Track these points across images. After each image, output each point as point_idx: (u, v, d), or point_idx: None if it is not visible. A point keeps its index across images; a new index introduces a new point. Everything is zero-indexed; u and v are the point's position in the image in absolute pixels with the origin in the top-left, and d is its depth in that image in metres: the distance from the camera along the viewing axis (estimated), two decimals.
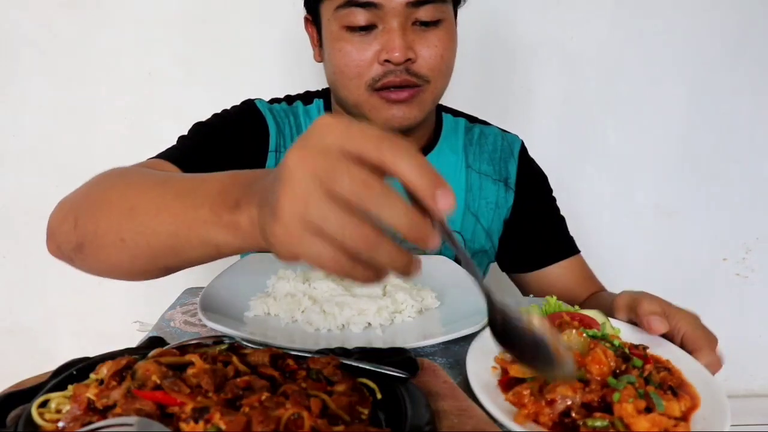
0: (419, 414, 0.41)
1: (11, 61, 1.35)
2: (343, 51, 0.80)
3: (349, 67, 0.81)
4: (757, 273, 1.66)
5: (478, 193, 0.99)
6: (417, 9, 0.78)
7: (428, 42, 0.80)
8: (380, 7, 0.76)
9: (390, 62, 0.78)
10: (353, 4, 0.77)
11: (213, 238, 0.44)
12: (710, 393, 0.51)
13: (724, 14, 1.46)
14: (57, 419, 0.40)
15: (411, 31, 0.79)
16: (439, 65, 0.81)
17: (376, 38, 0.79)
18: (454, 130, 1.01)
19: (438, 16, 0.80)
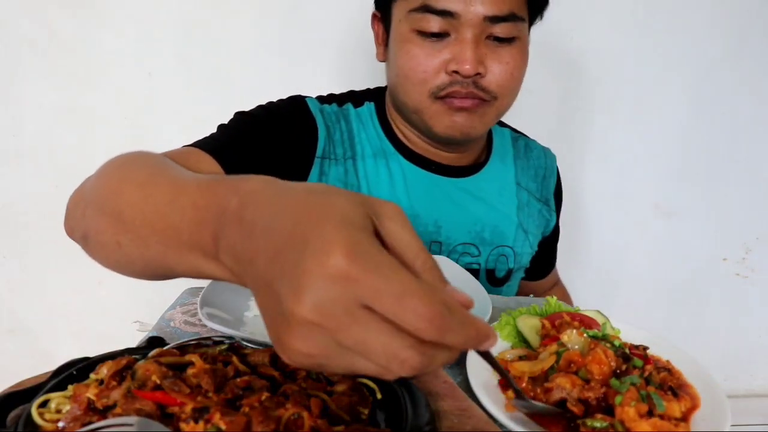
0: (419, 414, 0.41)
1: (11, 62, 1.35)
2: (411, 54, 0.78)
3: (415, 72, 0.78)
4: (757, 273, 1.66)
5: (527, 210, 0.99)
6: (494, 24, 0.75)
7: (500, 58, 0.78)
8: (456, 17, 0.74)
9: (458, 74, 0.76)
10: (428, 10, 0.75)
11: (204, 270, 0.39)
12: (710, 393, 0.51)
13: (724, 14, 1.46)
14: (57, 419, 0.40)
15: (484, 44, 0.77)
16: (508, 83, 0.80)
17: (447, 46, 0.76)
18: (502, 142, 1.00)
19: (514, 34, 0.78)
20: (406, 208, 0.90)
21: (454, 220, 0.91)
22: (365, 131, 0.90)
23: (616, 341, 0.55)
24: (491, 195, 0.94)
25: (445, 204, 0.91)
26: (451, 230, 0.91)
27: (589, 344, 0.52)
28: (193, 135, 1.55)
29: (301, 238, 0.28)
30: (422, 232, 0.90)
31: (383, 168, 0.89)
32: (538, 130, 1.53)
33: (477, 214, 0.93)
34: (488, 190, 0.94)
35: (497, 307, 0.69)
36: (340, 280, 0.27)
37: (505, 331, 0.61)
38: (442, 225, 0.91)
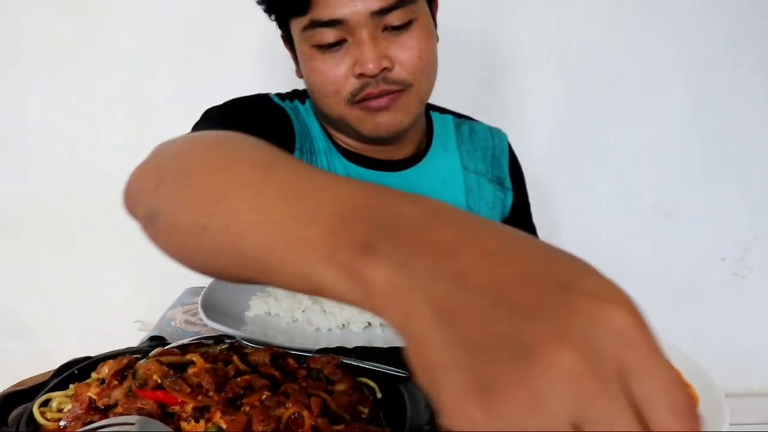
0: (419, 413, 0.41)
1: (14, 64, 1.35)
2: (317, 70, 0.78)
3: (325, 85, 0.79)
4: (755, 272, 1.66)
5: (477, 194, 0.98)
6: (385, 16, 0.75)
7: (403, 46, 0.77)
8: (345, 22, 0.74)
9: (365, 75, 0.76)
10: (318, 24, 0.75)
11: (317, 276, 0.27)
12: (708, 392, 0.51)
13: (724, 14, 1.46)
14: (58, 418, 0.40)
15: (383, 38, 0.76)
16: (418, 66, 0.79)
17: (348, 52, 0.76)
18: (444, 129, 0.99)
19: (409, 17, 0.76)
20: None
21: None
22: (312, 126, 0.91)
23: None
24: (435, 185, 0.94)
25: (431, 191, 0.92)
26: None
27: None
28: None
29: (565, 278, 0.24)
30: None
31: (332, 167, 0.90)
32: (538, 130, 1.54)
33: None
34: (431, 180, 0.94)
35: None
36: (618, 335, 0.21)
37: None
38: None
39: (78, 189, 1.43)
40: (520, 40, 1.47)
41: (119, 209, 1.31)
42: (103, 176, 1.43)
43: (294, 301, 0.67)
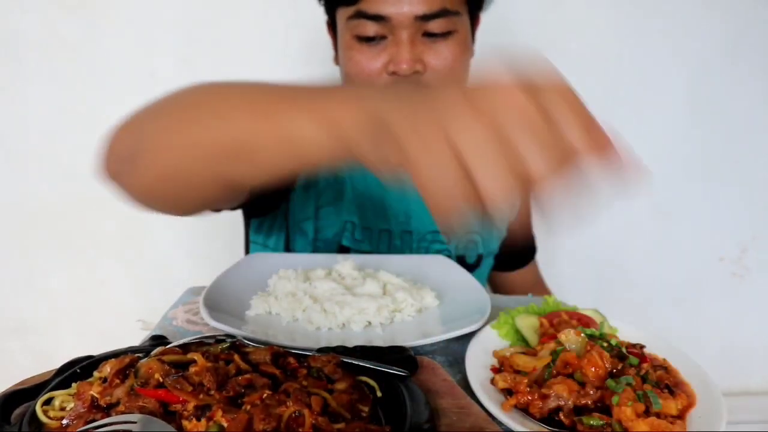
0: (419, 412, 0.42)
1: (15, 64, 1.35)
2: (353, 60, 0.81)
3: (359, 77, 0.81)
4: (753, 272, 1.66)
5: None
6: (427, 22, 0.77)
7: (438, 54, 0.79)
8: (389, 20, 0.76)
9: (397, 74, 0.78)
10: (363, 16, 0.77)
11: (297, 131, 0.36)
12: (706, 391, 0.51)
13: (723, 14, 1.46)
14: (61, 417, 0.40)
15: (421, 42, 0.78)
16: (449, 76, 0.81)
17: (386, 49, 0.79)
18: None
19: (449, 28, 0.79)
20: (379, 200, 0.93)
21: (423, 209, 0.93)
22: None
23: (613, 340, 0.56)
24: None
25: (414, 194, 0.92)
26: (420, 219, 0.94)
27: (586, 345, 0.52)
28: None
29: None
30: (393, 222, 0.93)
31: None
32: None
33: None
34: None
35: (496, 306, 0.70)
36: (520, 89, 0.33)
37: (503, 330, 0.61)
38: (412, 215, 0.94)
39: (78, 189, 1.43)
40: (519, 40, 1.47)
41: (120, 209, 1.34)
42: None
43: (294, 300, 0.67)
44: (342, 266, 0.77)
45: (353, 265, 0.78)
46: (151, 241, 1.47)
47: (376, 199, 0.93)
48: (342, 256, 0.83)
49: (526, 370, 0.52)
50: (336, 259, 0.81)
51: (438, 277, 0.78)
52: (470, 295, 0.72)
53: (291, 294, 0.69)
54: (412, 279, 0.78)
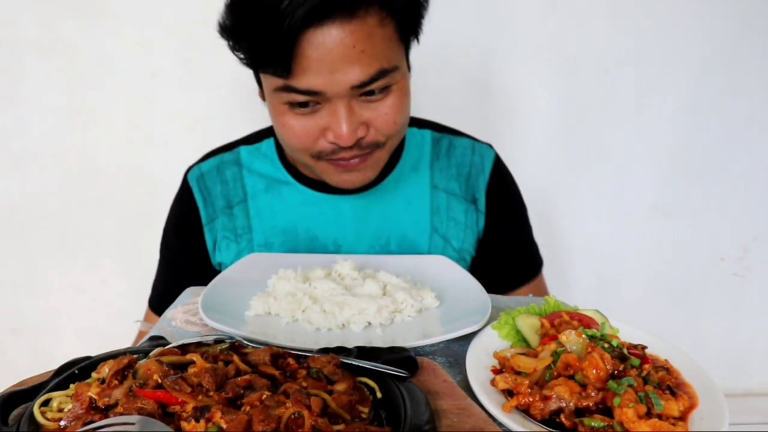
0: (419, 413, 0.41)
1: (15, 64, 1.35)
2: (287, 126, 0.77)
3: (294, 141, 0.78)
4: (754, 273, 1.66)
5: (445, 213, 0.94)
6: (364, 87, 0.73)
7: (378, 112, 0.75)
8: (323, 94, 0.72)
9: (338, 145, 0.75)
10: (293, 90, 0.72)
11: None
12: (708, 392, 0.51)
13: (723, 14, 1.46)
14: (59, 418, 0.40)
15: (358, 105, 0.74)
16: (392, 129, 0.78)
17: (322, 116, 0.74)
18: (418, 146, 0.96)
19: (388, 83, 0.74)
20: (303, 231, 0.92)
21: (354, 236, 0.92)
22: (259, 166, 0.94)
23: (615, 341, 0.55)
24: (396, 205, 0.93)
25: (343, 222, 0.92)
26: (351, 247, 0.92)
27: (587, 346, 0.52)
28: (195, 135, 1.56)
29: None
30: (322, 252, 0.92)
31: (276, 199, 0.93)
32: (537, 131, 1.54)
33: (380, 227, 0.93)
34: (393, 200, 0.93)
35: (496, 306, 0.69)
36: None
37: (504, 331, 0.61)
38: (342, 243, 0.92)
39: (78, 189, 1.43)
40: (519, 41, 1.47)
41: (119, 209, 1.35)
42: (103, 176, 1.44)
43: (294, 300, 0.67)
44: (342, 266, 0.77)
45: (353, 265, 0.78)
46: (150, 242, 1.46)
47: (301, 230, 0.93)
48: (342, 257, 0.83)
49: (526, 371, 0.52)
50: (335, 259, 0.81)
51: (438, 278, 0.78)
52: (470, 296, 0.71)
53: (290, 294, 0.68)
54: (412, 279, 0.78)
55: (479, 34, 1.45)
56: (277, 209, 0.92)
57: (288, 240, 0.92)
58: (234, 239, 0.92)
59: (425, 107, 1.32)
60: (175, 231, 0.98)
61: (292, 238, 0.92)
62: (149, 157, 1.43)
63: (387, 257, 0.87)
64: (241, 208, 0.93)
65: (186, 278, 0.89)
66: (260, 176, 0.94)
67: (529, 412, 0.48)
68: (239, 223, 0.93)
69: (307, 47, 0.69)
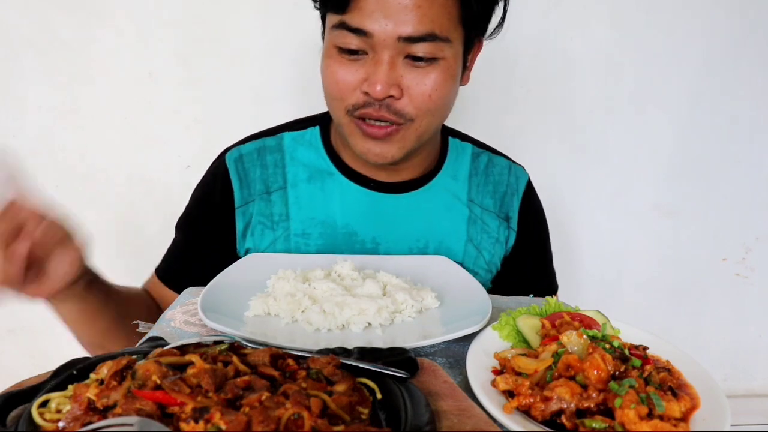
0: (419, 414, 0.41)
1: (11, 63, 1.35)
2: (330, 69, 0.78)
3: (332, 88, 0.79)
4: (756, 273, 1.66)
5: (480, 225, 0.96)
6: (412, 44, 0.73)
7: (418, 79, 0.75)
8: (371, 36, 0.73)
9: (370, 95, 0.75)
10: (345, 27, 0.74)
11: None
12: (710, 393, 0.51)
13: (724, 14, 1.46)
14: (57, 419, 0.40)
15: (401, 65, 0.75)
16: (426, 105, 0.77)
17: (364, 65, 0.76)
18: (459, 157, 0.97)
19: (436, 54, 0.75)
20: (342, 226, 0.91)
21: (394, 236, 0.91)
22: (303, 154, 0.93)
23: (616, 341, 0.55)
24: (437, 210, 0.93)
25: (384, 220, 0.91)
26: (390, 246, 0.92)
27: (588, 347, 0.52)
28: (193, 135, 1.56)
29: None
30: (360, 248, 0.91)
31: (318, 190, 0.91)
32: (538, 130, 1.54)
33: (419, 229, 0.92)
34: (433, 205, 0.93)
35: (497, 307, 0.69)
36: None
37: (505, 331, 0.61)
38: (381, 242, 0.91)
39: (75, 189, 1.43)
40: (521, 40, 1.47)
41: (118, 209, 1.34)
42: (101, 175, 1.44)
43: (293, 301, 0.66)
44: (341, 267, 0.77)
45: (353, 265, 0.77)
46: (148, 242, 1.46)
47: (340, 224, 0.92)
48: (341, 257, 0.82)
49: (527, 372, 0.52)
50: (335, 259, 0.80)
51: (438, 278, 0.78)
52: (471, 296, 0.71)
53: (290, 295, 0.68)
54: (412, 280, 0.78)
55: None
56: (318, 200, 0.91)
57: (326, 233, 0.91)
58: (270, 226, 0.91)
59: None
60: (202, 210, 0.95)
61: (331, 231, 0.91)
62: (147, 156, 1.43)
63: (387, 257, 0.87)
64: (280, 195, 0.91)
65: (204, 259, 0.90)
66: (303, 166, 0.92)
67: (530, 413, 0.48)
68: (277, 209, 0.91)
69: None
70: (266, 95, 1.42)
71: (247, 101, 1.42)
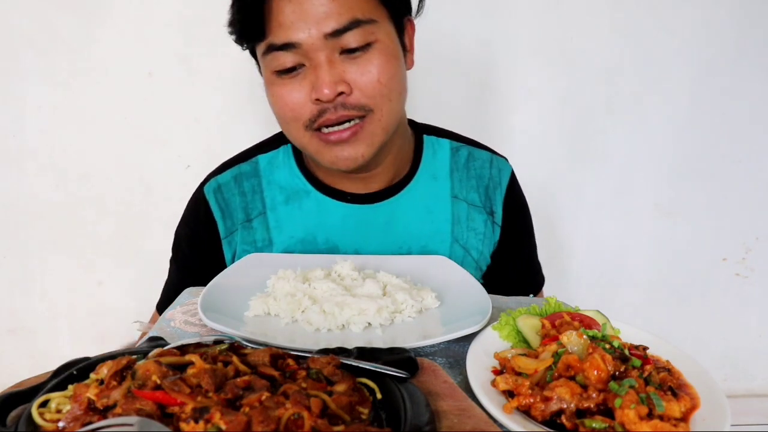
0: (419, 414, 0.41)
1: (12, 62, 1.35)
2: (276, 95, 0.78)
3: (284, 111, 0.78)
4: (756, 273, 1.66)
5: (465, 224, 0.94)
6: (340, 37, 0.73)
7: (360, 69, 0.75)
8: (300, 46, 0.73)
9: (321, 100, 0.74)
10: (274, 49, 0.74)
11: None
12: (710, 393, 0.51)
13: (724, 14, 1.46)
14: (57, 419, 0.40)
15: (340, 61, 0.74)
16: (378, 90, 0.76)
17: (306, 77, 0.75)
18: (436, 154, 0.96)
19: (367, 39, 0.74)
20: (323, 242, 0.91)
21: (375, 245, 0.91)
22: (277, 176, 0.93)
23: (616, 341, 0.55)
24: (417, 214, 0.92)
25: (364, 231, 0.91)
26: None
27: (588, 347, 0.52)
28: (193, 135, 1.56)
29: None
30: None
31: (296, 211, 0.91)
32: (538, 130, 1.54)
33: (400, 236, 0.92)
34: (413, 209, 0.92)
35: (497, 307, 0.69)
36: None
37: (505, 331, 0.61)
38: (363, 253, 0.91)
39: (76, 189, 1.43)
40: (520, 40, 1.47)
41: (117, 209, 1.34)
42: (101, 176, 1.43)
43: (293, 301, 0.66)
44: (341, 267, 0.77)
45: (353, 265, 0.77)
46: (148, 242, 1.46)
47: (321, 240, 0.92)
48: (341, 257, 0.82)
49: (527, 372, 0.52)
50: (335, 259, 0.80)
51: (438, 278, 0.78)
52: (471, 296, 0.71)
53: (290, 295, 0.68)
54: (413, 280, 0.78)
55: (480, 34, 1.45)
56: (297, 220, 0.91)
57: (308, 250, 0.91)
58: (254, 252, 0.92)
59: (426, 107, 1.32)
60: (190, 244, 0.96)
61: (312, 248, 0.91)
62: (147, 155, 1.43)
63: (387, 257, 0.87)
64: (261, 221, 0.92)
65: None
66: (279, 188, 0.92)
67: (530, 413, 0.47)
68: (259, 236, 0.92)
69: (278, 1, 0.72)
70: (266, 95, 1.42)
71: (247, 101, 1.42)
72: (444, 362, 0.58)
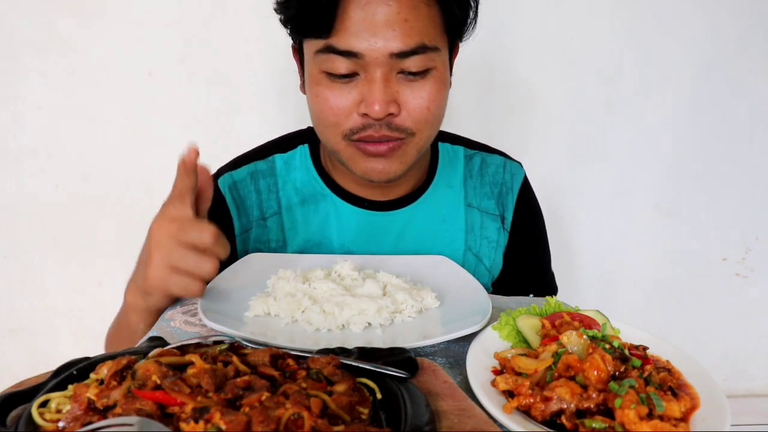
0: (419, 414, 0.41)
1: (12, 62, 1.35)
2: (321, 97, 0.75)
3: (326, 115, 0.76)
4: (756, 273, 1.66)
5: (479, 232, 0.94)
6: (403, 60, 0.72)
7: (414, 93, 0.74)
8: (361, 57, 0.71)
9: (370, 116, 0.73)
10: (333, 51, 0.72)
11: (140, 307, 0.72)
12: (710, 393, 0.51)
13: (724, 14, 1.46)
14: (57, 419, 0.40)
15: (395, 81, 0.73)
16: (425, 117, 0.76)
17: (357, 87, 0.73)
18: (451, 162, 0.95)
19: (428, 65, 0.73)
20: (338, 246, 0.90)
21: (390, 253, 0.90)
22: (294, 177, 0.91)
23: (616, 341, 0.55)
24: (432, 223, 0.92)
25: (380, 239, 0.91)
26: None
27: (588, 347, 0.52)
28: (193, 134, 1.56)
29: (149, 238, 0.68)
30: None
31: (313, 213, 0.90)
32: (538, 130, 1.54)
33: (415, 244, 0.91)
34: (429, 218, 0.92)
35: (497, 307, 0.69)
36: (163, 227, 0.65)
37: (505, 331, 0.61)
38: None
39: (75, 189, 1.43)
40: (520, 40, 1.47)
41: (117, 209, 1.34)
42: (100, 176, 1.44)
43: (293, 301, 0.66)
44: (341, 267, 0.77)
45: (353, 265, 0.77)
46: None
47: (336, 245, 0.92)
48: (341, 257, 0.82)
49: (527, 372, 0.52)
50: (335, 259, 0.80)
51: (438, 278, 0.78)
52: (471, 296, 0.71)
53: (290, 295, 0.68)
54: (413, 280, 0.78)
55: (481, 33, 1.45)
56: (312, 223, 0.90)
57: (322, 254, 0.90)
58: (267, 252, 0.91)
59: None
60: None
61: (328, 252, 0.90)
62: (147, 155, 1.43)
63: (387, 257, 0.87)
64: (275, 221, 0.90)
65: None
66: (296, 190, 0.91)
67: (530, 413, 0.48)
68: (273, 236, 0.90)
69: (351, 6, 0.69)
70: (266, 95, 1.42)
71: (247, 101, 1.42)
72: (444, 362, 0.58)
